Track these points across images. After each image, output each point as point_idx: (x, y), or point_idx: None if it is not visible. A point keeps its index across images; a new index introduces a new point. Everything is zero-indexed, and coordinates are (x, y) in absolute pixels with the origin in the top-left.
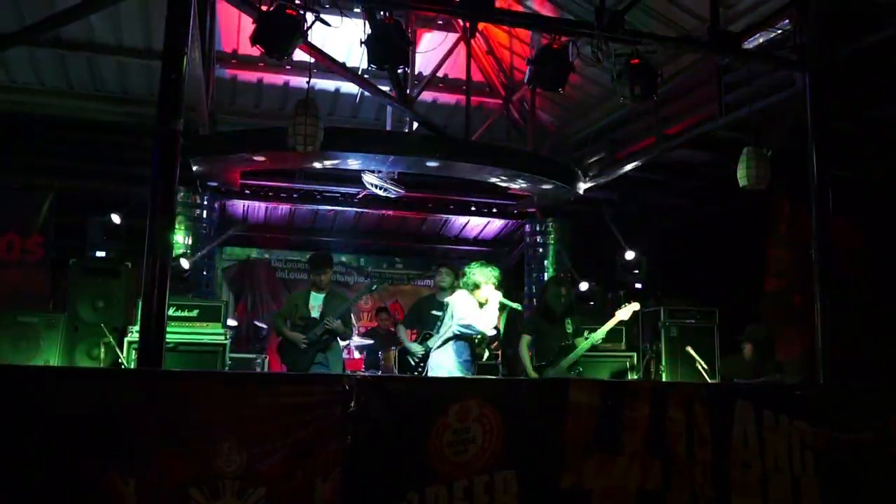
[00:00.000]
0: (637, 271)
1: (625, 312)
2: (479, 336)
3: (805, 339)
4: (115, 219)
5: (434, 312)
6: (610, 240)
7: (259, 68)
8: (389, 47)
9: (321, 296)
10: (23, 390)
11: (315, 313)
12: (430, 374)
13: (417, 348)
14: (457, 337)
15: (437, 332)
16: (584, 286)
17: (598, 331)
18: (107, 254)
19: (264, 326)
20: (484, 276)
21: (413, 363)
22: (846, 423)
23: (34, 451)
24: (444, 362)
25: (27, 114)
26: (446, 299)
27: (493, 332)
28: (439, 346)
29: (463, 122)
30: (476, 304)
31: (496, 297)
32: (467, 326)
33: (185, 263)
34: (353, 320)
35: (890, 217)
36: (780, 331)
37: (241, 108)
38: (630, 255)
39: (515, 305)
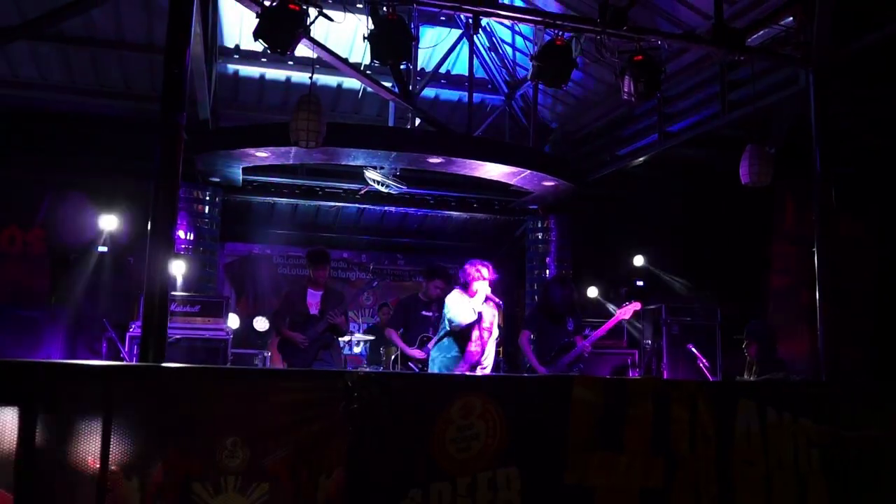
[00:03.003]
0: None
1: (626, 311)
2: (458, 327)
3: (812, 336)
4: (112, 222)
5: (424, 313)
6: (612, 236)
7: (261, 63)
8: (392, 43)
9: (318, 293)
10: (23, 385)
11: (313, 310)
12: (429, 369)
13: (419, 354)
14: (447, 333)
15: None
16: (592, 292)
17: (599, 329)
18: (109, 248)
19: (261, 330)
20: (474, 273)
21: (418, 369)
22: (852, 421)
23: (36, 447)
24: (436, 357)
25: (30, 108)
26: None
27: (474, 318)
28: (436, 343)
29: (465, 118)
30: (465, 299)
31: (484, 290)
32: (450, 320)
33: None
34: (355, 316)
35: None
36: (787, 328)
37: (243, 104)
38: (639, 260)
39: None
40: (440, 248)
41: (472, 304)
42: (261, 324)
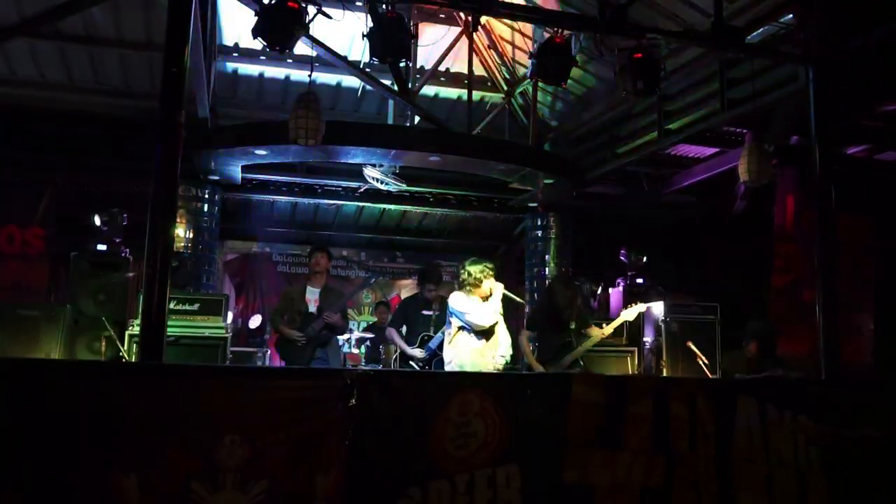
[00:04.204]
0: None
1: (630, 313)
2: (479, 328)
3: (812, 335)
4: (97, 220)
5: (424, 312)
6: (611, 235)
7: (260, 61)
8: (391, 41)
9: (317, 290)
10: (23, 384)
11: (312, 307)
12: (449, 367)
13: (419, 353)
14: (462, 328)
15: (438, 333)
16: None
17: (603, 330)
18: (108, 247)
19: (253, 327)
20: (481, 272)
21: (418, 368)
22: (851, 420)
23: (36, 446)
24: (453, 358)
25: (28, 107)
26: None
27: (496, 321)
28: (450, 342)
29: (464, 116)
30: (475, 301)
31: (499, 290)
32: (469, 323)
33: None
34: (353, 314)
35: None
36: (787, 327)
37: (242, 102)
38: (640, 256)
39: (518, 300)
40: (439, 245)
41: (492, 305)
42: (255, 322)
